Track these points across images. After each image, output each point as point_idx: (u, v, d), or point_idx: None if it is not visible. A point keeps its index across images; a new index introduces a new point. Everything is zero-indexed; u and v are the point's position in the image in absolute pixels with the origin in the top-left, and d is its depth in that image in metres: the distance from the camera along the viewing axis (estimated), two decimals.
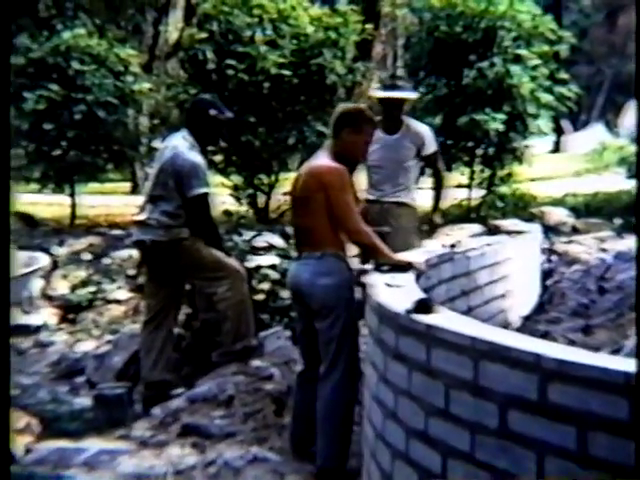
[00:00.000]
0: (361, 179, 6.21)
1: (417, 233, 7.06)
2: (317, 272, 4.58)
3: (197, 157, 6.35)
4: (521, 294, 7.08)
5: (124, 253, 10.54)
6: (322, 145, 4.99)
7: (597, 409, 2.27)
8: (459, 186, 13.96)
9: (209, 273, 6.40)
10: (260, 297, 7.51)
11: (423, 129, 7.01)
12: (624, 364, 2.32)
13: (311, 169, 4.66)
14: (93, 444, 5.25)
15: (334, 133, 4.70)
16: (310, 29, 12.64)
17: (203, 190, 6.30)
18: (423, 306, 3.21)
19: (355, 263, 5.23)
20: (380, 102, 6.87)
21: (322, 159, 4.66)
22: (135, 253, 9.15)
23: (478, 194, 13.57)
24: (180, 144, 6.41)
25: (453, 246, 5.87)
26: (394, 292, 3.78)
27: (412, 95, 6.29)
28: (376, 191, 7.02)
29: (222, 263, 6.47)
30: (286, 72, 12.12)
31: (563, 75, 13.08)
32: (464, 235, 9.71)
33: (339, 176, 4.51)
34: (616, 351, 4.04)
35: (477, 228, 11.02)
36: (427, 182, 7.74)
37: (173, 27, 21.97)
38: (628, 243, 10.11)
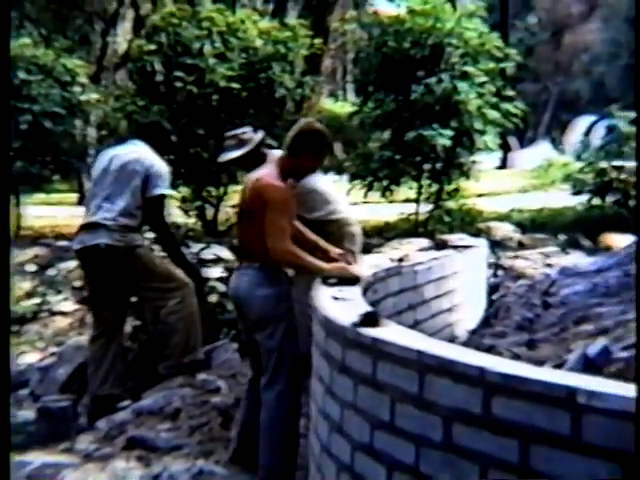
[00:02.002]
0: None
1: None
2: (255, 282, 4.59)
3: (161, 160, 6.45)
4: (467, 308, 7.13)
5: (70, 264, 10.42)
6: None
7: (540, 423, 2.30)
8: (407, 200, 14.07)
9: (160, 284, 6.36)
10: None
11: None
12: (567, 378, 2.35)
13: (255, 183, 4.65)
14: (37, 457, 5.18)
15: (292, 150, 4.66)
16: (259, 42, 12.65)
17: (165, 191, 6.35)
18: (370, 319, 3.22)
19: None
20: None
21: (268, 173, 4.65)
22: None
23: (426, 209, 13.66)
24: (141, 148, 6.46)
25: (401, 260, 5.90)
26: (341, 305, 3.79)
27: (237, 153, 6.06)
28: None
29: (173, 274, 6.45)
30: (235, 85, 12.11)
31: (509, 92, 13.25)
32: (412, 249, 9.77)
33: (280, 195, 4.51)
34: (559, 365, 4.08)
35: (425, 242, 11.09)
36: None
37: (122, 38, 21.86)
38: (572, 258, 10.25)
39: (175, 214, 12.66)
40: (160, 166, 6.44)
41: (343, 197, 7.03)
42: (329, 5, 16.84)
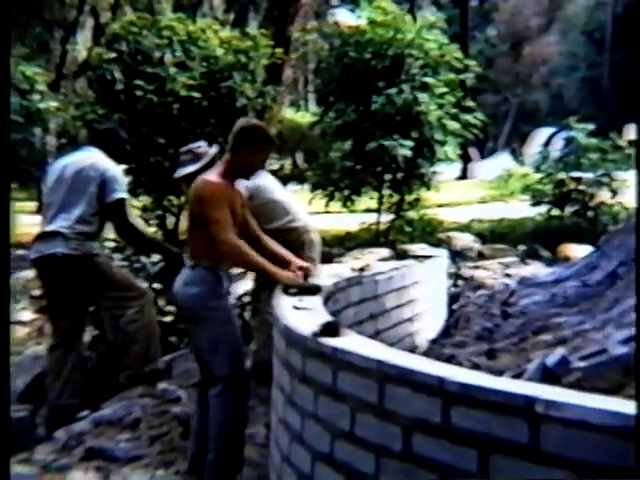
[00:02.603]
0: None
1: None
2: (187, 282, 4.62)
3: (116, 165, 6.41)
4: (428, 318, 7.15)
5: (28, 273, 10.31)
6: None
7: (498, 432, 2.31)
8: (368, 210, 14.11)
9: (118, 293, 6.32)
10: (168, 319, 7.45)
11: None
12: (525, 388, 2.36)
13: (196, 184, 4.67)
14: None
15: (232, 147, 4.70)
16: (220, 52, 12.64)
17: (123, 195, 6.31)
18: (330, 329, 3.21)
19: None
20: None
21: (210, 173, 4.68)
22: None
23: (387, 218, 13.71)
24: (96, 154, 6.42)
25: (362, 270, 5.90)
26: (301, 315, 3.78)
27: (192, 168, 6.04)
28: None
29: (132, 283, 6.41)
30: (196, 94, 12.08)
31: (469, 103, 13.35)
32: (373, 259, 9.80)
33: (211, 190, 4.51)
34: (518, 375, 4.10)
35: (386, 252, 11.13)
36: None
37: (81, 46, 21.74)
38: (531, 269, 10.33)
39: (136, 223, 12.59)
40: (115, 170, 6.39)
41: (301, 206, 7.02)
42: (290, 15, 16.86)
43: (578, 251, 10.89)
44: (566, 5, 46.90)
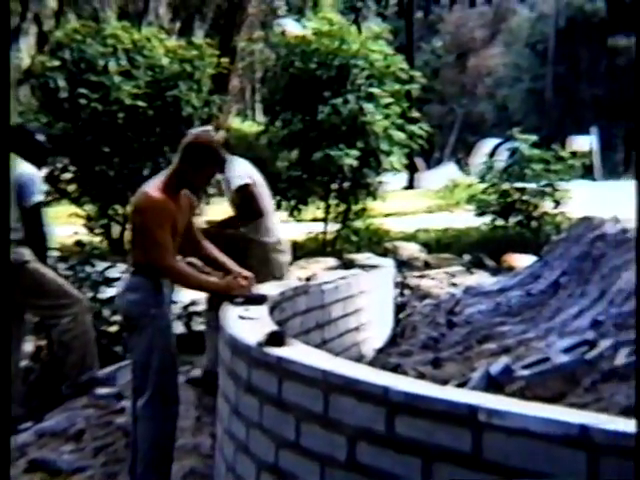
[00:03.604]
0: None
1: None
2: (128, 288, 4.57)
3: (32, 167, 6.27)
4: (374, 327, 7.17)
5: None
6: None
7: (442, 441, 2.32)
8: (315, 220, 14.13)
9: (51, 301, 6.21)
10: (113, 329, 7.38)
11: None
12: (468, 397, 2.37)
13: (138, 195, 4.62)
14: None
15: (180, 159, 4.61)
16: (165, 61, 12.59)
17: (40, 198, 6.21)
18: (275, 339, 3.21)
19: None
20: None
21: (153, 184, 4.60)
22: None
23: (333, 228, 13.74)
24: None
25: (308, 279, 5.90)
26: (247, 324, 3.77)
27: None
28: None
29: (66, 291, 6.30)
30: (141, 103, 12.01)
31: (415, 114, 13.45)
32: (319, 268, 9.80)
33: (154, 208, 4.42)
34: (463, 384, 4.13)
35: (332, 261, 11.15)
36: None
37: (24, 54, 21.47)
38: (476, 278, 10.42)
39: (80, 232, 12.47)
40: (30, 173, 6.25)
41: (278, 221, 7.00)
42: (236, 25, 16.85)
43: (522, 261, 11.00)
44: (510, 17, 47.50)
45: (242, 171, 6.38)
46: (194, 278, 4.54)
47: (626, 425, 2.03)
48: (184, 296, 7.88)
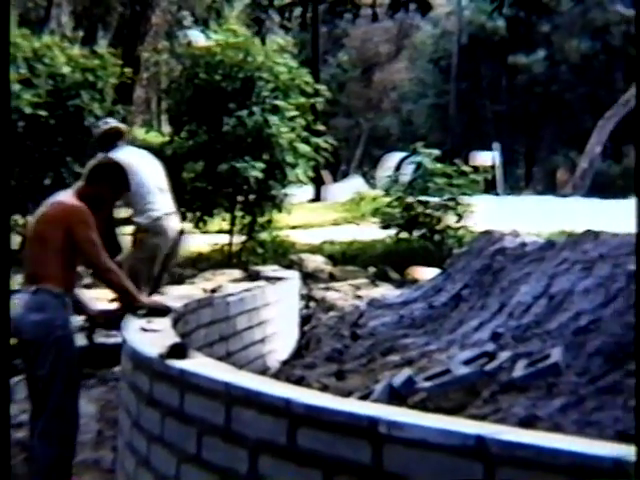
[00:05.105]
0: None
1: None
2: (28, 307, 4.47)
3: None
4: (280, 339, 7.16)
5: None
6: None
7: (343, 453, 2.32)
8: (220, 231, 14.06)
9: None
10: (13, 341, 7.19)
11: None
12: (369, 409, 2.39)
13: (53, 206, 4.56)
14: None
15: (90, 179, 4.66)
16: (67, 70, 12.40)
17: None
18: (177, 351, 3.18)
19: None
20: None
21: (66, 197, 4.59)
22: None
23: (239, 240, 13.70)
24: None
25: (214, 291, 5.88)
26: (149, 337, 3.73)
27: None
28: None
29: None
30: (42, 112, 11.80)
31: (320, 127, 13.53)
32: (225, 280, 9.76)
33: (84, 214, 4.45)
34: (366, 396, 4.16)
35: (238, 273, 11.10)
36: None
37: None
38: (381, 291, 10.50)
39: None
40: None
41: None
42: (140, 35, 16.69)
43: (425, 273, 11.12)
44: (413, 33, 48.14)
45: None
46: (126, 281, 4.54)
47: (522, 436, 2.06)
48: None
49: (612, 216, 11.86)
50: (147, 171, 6.93)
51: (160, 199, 7.19)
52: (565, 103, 40.37)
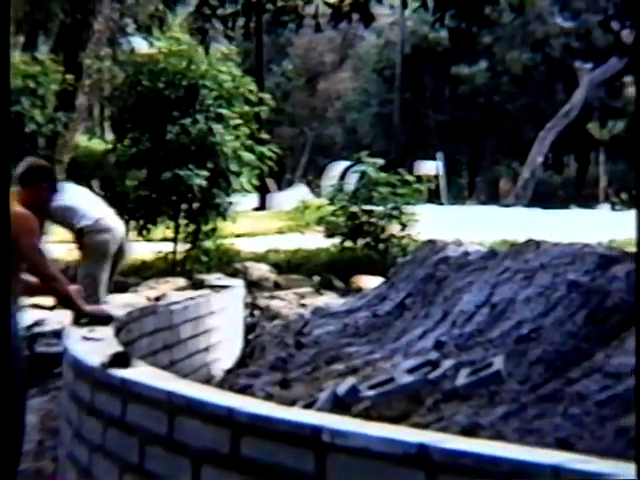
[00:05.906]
0: None
1: None
2: None
3: None
4: (224, 348, 7.14)
5: None
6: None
7: (286, 462, 2.31)
8: (164, 239, 13.98)
9: None
10: None
11: None
12: (312, 417, 2.39)
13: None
14: None
15: (26, 183, 4.66)
16: None
17: None
18: (120, 360, 3.15)
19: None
20: None
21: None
22: None
23: (183, 248, 13.64)
24: None
25: (157, 299, 5.84)
26: (91, 345, 3.69)
27: None
28: None
29: None
30: None
31: (264, 135, 13.54)
32: (168, 288, 9.71)
33: (29, 222, 4.40)
34: (310, 404, 4.16)
35: (182, 281, 11.05)
36: None
37: None
38: (325, 299, 10.53)
39: None
40: None
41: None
42: (82, 41, 16.51)
43: (370, 282, 11.16)
44: (357, 43, 48.42)
45: None
46: (68, 289, 4.53)
47: (463, 444, 2.08)
48: (26, 317, 7.65)
49: (553, 226, 12.04)
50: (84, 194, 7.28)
51: (99, 206, 7.54)
52: (507, 114, 40.93)
